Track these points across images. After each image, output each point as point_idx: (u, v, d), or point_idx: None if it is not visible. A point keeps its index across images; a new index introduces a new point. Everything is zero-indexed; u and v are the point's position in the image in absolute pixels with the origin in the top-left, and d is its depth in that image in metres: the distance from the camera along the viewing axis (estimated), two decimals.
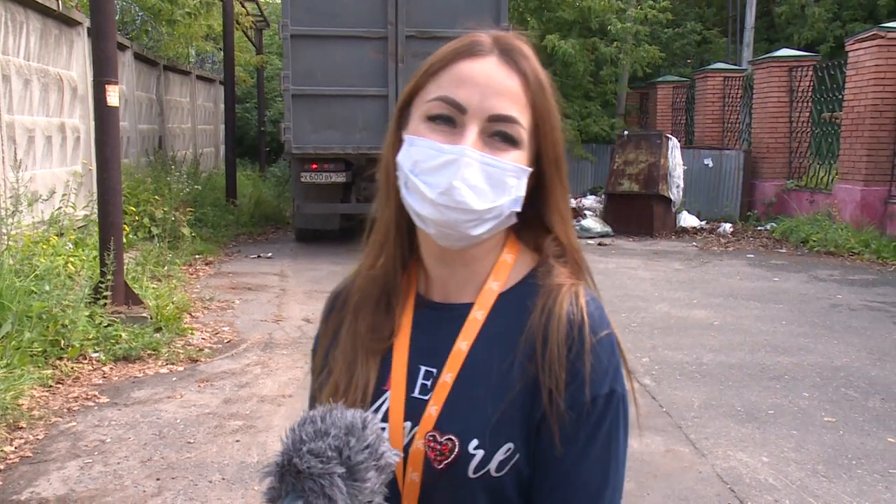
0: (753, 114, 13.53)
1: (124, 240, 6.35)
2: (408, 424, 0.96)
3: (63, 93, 8.23)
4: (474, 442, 0.92)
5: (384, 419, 0.97)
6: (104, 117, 5.66)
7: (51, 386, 4.62)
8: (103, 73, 5.60)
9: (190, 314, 6.46)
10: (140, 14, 11.82)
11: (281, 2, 10.17)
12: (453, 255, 0.99)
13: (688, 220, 12.49)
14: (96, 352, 5.17)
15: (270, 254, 9.93)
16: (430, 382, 0.98)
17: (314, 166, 9.90)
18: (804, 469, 3.67)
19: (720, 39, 20.55)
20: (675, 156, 12.00)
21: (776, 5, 20.28)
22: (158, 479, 3.51)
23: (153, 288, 6.60)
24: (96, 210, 5.95)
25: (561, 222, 1.01)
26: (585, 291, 0.98)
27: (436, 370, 0.98)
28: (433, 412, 0.95)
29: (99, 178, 5.76)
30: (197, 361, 5.32)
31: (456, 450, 0.93)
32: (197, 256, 9.12)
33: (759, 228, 12.21)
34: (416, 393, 0.98)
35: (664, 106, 17.37)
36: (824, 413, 4.41)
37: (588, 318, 0.95)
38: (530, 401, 0.93)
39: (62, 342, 4.99)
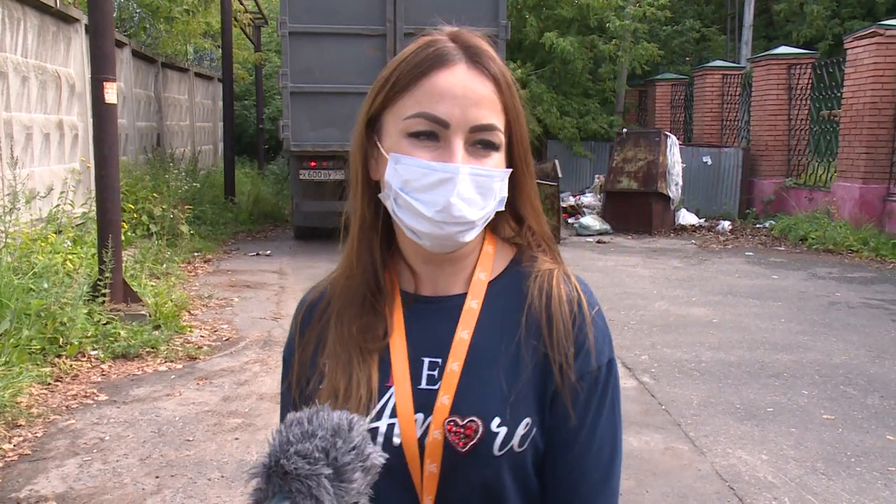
0: (752, 111, 13.53)
1: (123, 237, 6.34)
2: (419, 416, 0.97)
3: (61, 90, 8.21)
4: (496, 420, 0.95)
5: (392, 414, 0.98)
6: (102, 115, 5.65)
7: (49, 384, 4.62)
8: (101, 71, 5.59)
9: (189, 312, 6.45)
10: (138, 11, 11.81)
11: None
12: (441, 257, 1.01)
13: (687, 218, 12.50)
14: (95, 349, 5.17)
15: (269, 251, 9.92)
16: (437, 373, 0.99)
17: (313, 164, 9.89)
18: (803, 466, 3.67)
19: (719, 37, 20.55)
20: (674, 153, 12.00)
21: (775, 3, 20.28)
22: (157, 477, 3.51)
23: (152, 286, 6.59)
24: (95, 207, 5.93)
25: (532, 213, 1.06)
26: (572, 273, 1.05)
27: (440, 360, 0.99)
28: (445, 401, 0.96)
29: (97, 176, 5.75)
30: (196, 359, 5.32)
31: (480, 430, 0.95)
32: (196, 254, 9.11)
33: (758, 226, 12.21)
34: (424, 385, 0.99)
35: (663, 104, 17.37)
36: (823, 410, 4.41)
37: (584, 295, 1.02)
38: (541, 377, 0.98)
39: (61, 340, 4.99)
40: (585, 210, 13.32)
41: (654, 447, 3.90)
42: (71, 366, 4.90)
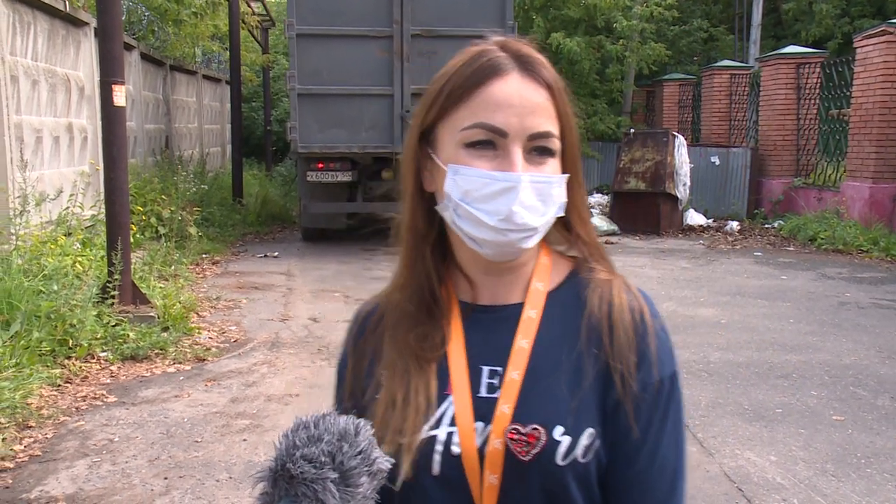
0: (760, 111, 13.48)
1: (131, 239, 6.37)
2: (479, 425, 0.96)
3: (70, 93, 8.26)
4: (559, 429, 0.94)
5: (452, 423, 0.96)
6: (111, 117, 5.68)
7: (59, 385, 4.64)
8: (110, 74, 5.62)
9: (197, 313, 6.48)
10: (146, 14, 11.86)
11: (287, 1, 10.18)
12: (501, 265, 1.01)
13: (695, 218, 12.46)
14: (104, 351, 5.19)
15: (277, 253, 9.95)
16: (497, 381, 0.98)
17: (320, 165, 9.91)
18: (812, 468, 3.66)
19: (727, 37, 20.49)
20: (682, 154, 11.97)
21: (783, 2, 20.20)
22: (166, 478, 3.52)
23: (160, 287, 6.62)
24: (104, 210, 5.96)
25: (580, 221, 1.05)
26: (632, 283, 1.04)
27: (500, 368, 0.99)
28: (506, 410, 0.95)
29: (106, 178, 5.78)
30: (204, 361, 5.34)
31: (543, 438, 0.93)
32: (204, 256, 9.14)
33: (767, 226, 12.16)
34: (483, 392, 0.98)
35: (671, 104, 17.32)
36: (833, 412, 4.39)
37: (647, 306, 1.01)
38: (603, 387, 0.97)
39: (70, 341, 5.02)
40: (593, 210, 13.31)
41: None
42: (80, 367, 4.92)
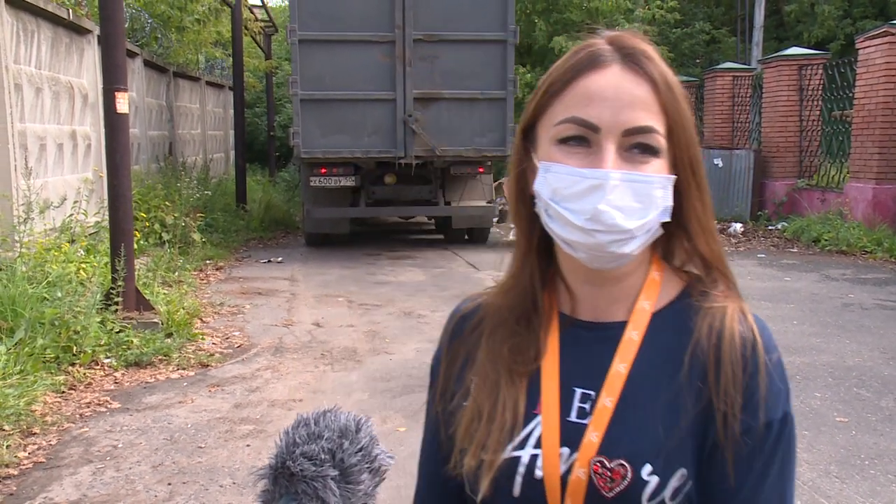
0: (763, 113, 13.46)
1: (135, 246, 6.40)
2: (565, 451, 0.91)
3: (74, 100, 8.30)
4: (647, 468, 0.88)
5: (537, 445, 0.92)
6: (114, 124, 5.71)
7: (63, 392, 4.66)
8: (113, 81, 5.65)
9: (201, 319, 6.49)
10: (149, 21, 11.91)
11: (289, 7, 10.21)
12: (602, 275, 0.94)
13: None
14: (108, 357, 5.21)
15: (281, 258, 9.96)
16: (589, 406, 0.92)
17: (323, 171, 9.93)
18: (816, 469, 3.65)
19: (729, 39, 20.49)
20: None
21: (785, 4, 20.19)
22: (170, 484, 3.53)
23: (164, 293, 6.64)
24: (107, 217, 5.99)
25: (700, 231, 0.96)
26: (748, 311, 0.94)
27: (593, 392, 0.93)
28: (594, 438, 0.90)
29: (109, 185, 5.80)
30: (208, 366, 5.35)
31: (629, 476, 0.88)
32: (207, 262, 9.16)
33: (770, 228, 12.14)
34: (573, 417, 0.92)
35: None
36: (836, 413, 4.38)
37: (761, 339, 0.92)
38: (702, 425, 0.89)
39: (74, 348, 5.03)
40: None
41: None
42: (84, 374, 4.94)
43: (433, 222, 12.90)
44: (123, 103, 5.67)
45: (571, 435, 0.91)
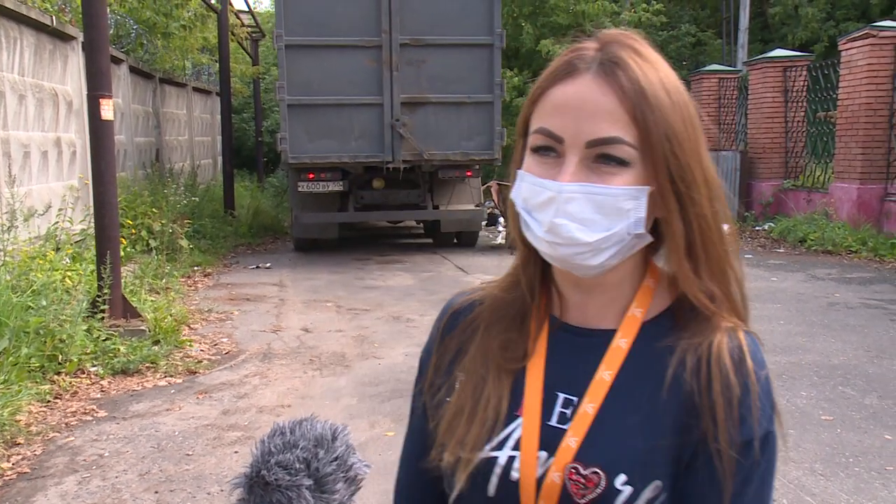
0: (749, 114, 13.56)
1: (122, 253, 6.37)
2: (543, 454, 0.91)
3: (58, 107, 8.25)
4: (622, 477, 0.87)
5: (515, 447, 0.92)
6: (99, 131, 5.68)
7: (49, 401, 4.63)
8: (97, 88, 5.62)
9: (188, 326, 6.47)
10: (135, 27, 11.87)
11: (275, 12, 10.21)
12: (589, 282, 0.94)
13: None
14: (94, 366, 5.18)
15: (269, 264, 9.94)
16: (570, 411, 0.92)
17: (311, 176, 9.92)
18: (801, 468, 3.67)
19: (715, 41, 20.61)
20: None
21: (770, 6, 20.34)
22: (157, 492, 3.52)
23: (151, 300, 6.61)
24: (93, 224, 5.96)
25: (696, 241, 0.92)
26: (741, 327, 0.93)
27: (576, 398, 0.93)
28: (572, 444, 0.90)
29: (95, 192, 5.78)
30: (195, 373, 5.33)
31: (602, 484, 0.87)
32: (195, 268, 9.13)
33: (757, 228, 12.22)
34: (554, 421, 0.92)
35: None
36: (822, 411, 4.41)
37: (750, 359, 0.90)
38: (681, 439, 0.88)
39: (60, 357, 5.00)
40: None
41: None
42: (70, 383, 4.91)
43: (422, 226, 12.90)
44: (108, 110, 5.65)
45: (550, 439, 0.91)
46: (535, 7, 15.90)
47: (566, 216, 0.86)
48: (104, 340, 5.38)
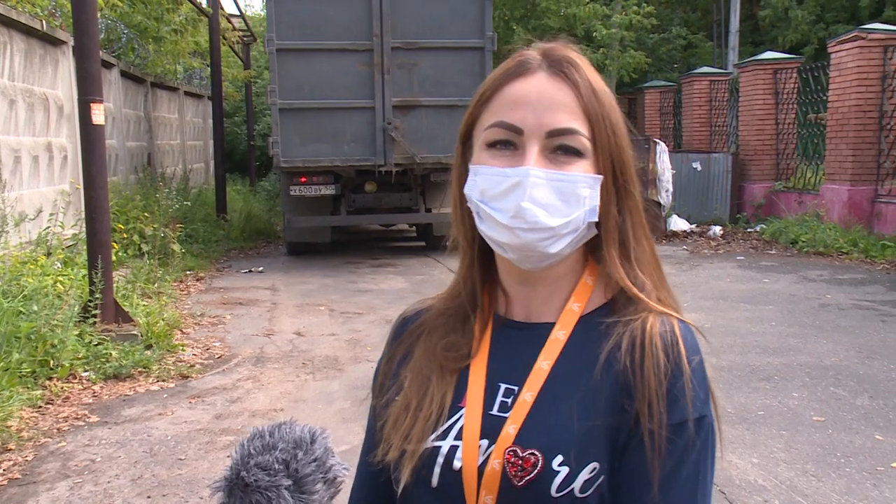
0: (740, 117, 13.62)
1: (114, 257, 6.35)
2: (484, 443, 0.93)
3: (49, 112, 8.23)
4: (559, 458, 0.90)
5: (458, 437, 0.95)
6: (90, 136, 5.67)
7: (40, 406, 4.61)
8: (88, 92, 5.61)
9: (181, 330, 6.45)
10: (126, 32, 11.85)
11: (266, 16, 10.20)
12: (534, 276, 0.98)
13: (678, 224, 12.54)
14: (86, 371, 5.16)
15: (262, 268, 9.92)
16: (510, 400, 0.95)
17: (303, 179, 9.91)
18: (793, 469, 3.69)
19: (706, 43, 20.72)
20: (664, 160, 12.06)
21: (760, 9, 20.45)
22: (149, 497, 3.50)
23: (143, 305, 6.58)
24: (85, 229, 5.94)
25: (630, 233, 0.98)
26: (674, 315, 0.97)
27: (516, 388, 0.96)
28: (511, 430, 0.92)
29: (86, 197, 5.76)
30: (188, 378, 5.31)
31: (539, 465, 0.90)
32: (188, 272, 9.11)
33: (749, 230, 12.27)
34: (495, 410, 0.95)
35: (652, 111, 17.47)
36: (813, 412, 4.43)
37: (682, 343, 0.93)
38: (617, 423, 0.91)
39: (51, 362, 4.98)
40: None
41: None
42: (62, 388, 4.89)
43: (414, 230, 12.91)
44: (99, 114, 5.63)
45: (491, 427, 0.94)
46: (527, 10, 15.95)
47: (532, 200, 0.90)
48: (96, 345, 5.36)
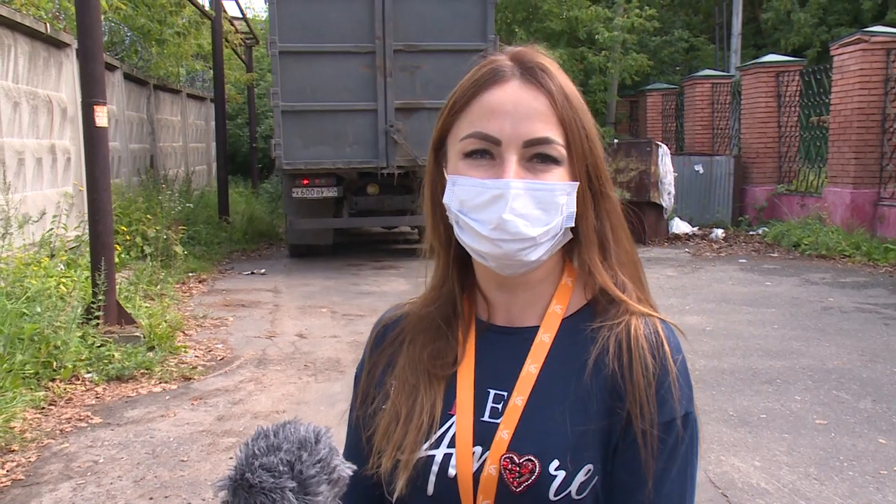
0: (742, 119, 13.62)
1: (117, 259, 6.36)
2: (478, 449, 0.94)
3: (53, 114, 8.25)
4: (555, 463, 0.91)
5: (451, 444, 0.95)
6: (93, 138, 5.68)
7: (43, 408, 4.62)
8: (91, 95, 5.62)
9: (183, 332, 6.46)
10: (129, 34, 11.87)
11: (269, 19, 10.22)
12: (514, 281, 0.98)
13: (680, 227, 12.54)
14: (89, 372, 5.17)
15: (264, 270, 9.93)
16: (501, 406, 0.96)
17: (305, 182, 9.93)
18: (796, 472, 3.69)
19: (708, 46, 20.71)
20: (666, 163, 12.07)
21: (762, 11, 20.45)
22: (151, 499, 3.51)
23: (146, 307, 6.59)
24: (88, 231, 5.95)
25: (607, 237, 1.00)
26: (655, 315, 0.99)
27: (506, 393, 0.96)
28: (505, 436, 0.93)
29: (89, 199, 5.77)
30: (190, 379, 5.32)
31: (536, 471, 0.91)
32: (190, 274, 9.12)
33: (751, 233, 12.26)
34: (486, 417, 0.96)
35: (654, 113, 17.46)
36: (816, 416, 4.42)
37: (667, 344, 0.95)
38: (607, 423, 0.93)
39: (54, 363, 4.99)
40: None
41: None
42: (65, 389, 4.90)
43: (416, 232, 12.91)
44: (103, 117, 5.65)
45: (484, 434, 0.94)
46: (529, 13, 15.96)
47: (513, 212, 0.91)
48: (99, 347, 5.37)
